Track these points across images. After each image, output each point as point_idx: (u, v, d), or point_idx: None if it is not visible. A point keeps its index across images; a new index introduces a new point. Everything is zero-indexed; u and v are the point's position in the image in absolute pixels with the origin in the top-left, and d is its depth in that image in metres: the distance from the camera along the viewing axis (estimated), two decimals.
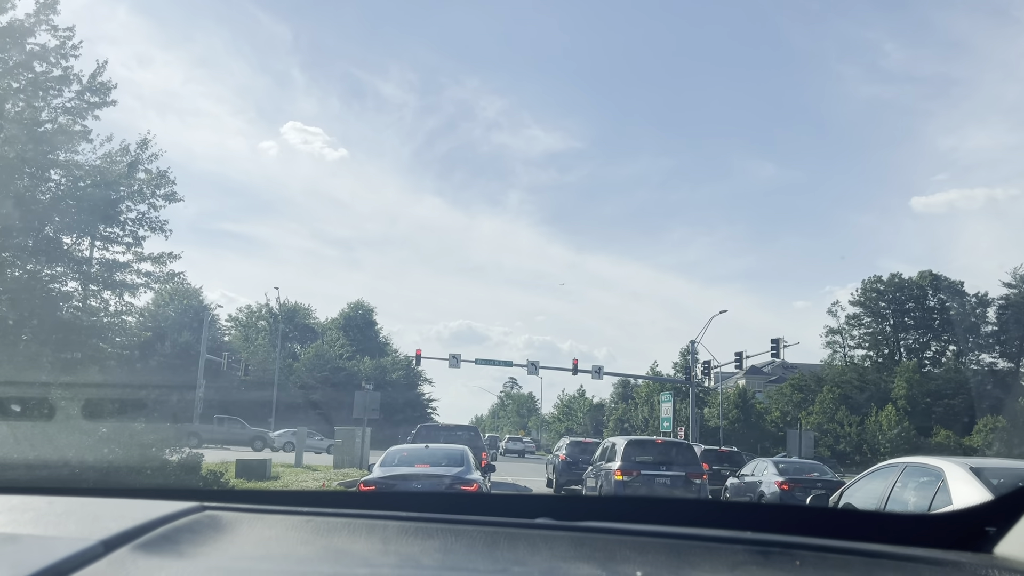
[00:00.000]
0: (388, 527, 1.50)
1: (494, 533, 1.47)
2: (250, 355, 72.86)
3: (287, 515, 1.55)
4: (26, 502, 1.59)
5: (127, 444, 12.27)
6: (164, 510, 1.42)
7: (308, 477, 23.41)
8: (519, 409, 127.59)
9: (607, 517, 1.56)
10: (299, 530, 1.48)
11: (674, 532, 1.44)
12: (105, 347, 29.16)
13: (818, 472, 21.00)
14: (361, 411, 30.02)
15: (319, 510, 1.59)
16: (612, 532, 1.46)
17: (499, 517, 1.56)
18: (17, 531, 1.36)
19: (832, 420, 66.71)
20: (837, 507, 6.43)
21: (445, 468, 13.39)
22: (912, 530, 1.46)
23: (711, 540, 1.41)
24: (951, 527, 1.42)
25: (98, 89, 26.95)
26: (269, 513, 1.57)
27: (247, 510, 1.56)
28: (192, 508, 1.47)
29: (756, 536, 1.39)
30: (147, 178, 29.24)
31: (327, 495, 1.95)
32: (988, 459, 8.39)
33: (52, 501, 1.59)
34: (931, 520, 1.45)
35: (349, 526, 1.51)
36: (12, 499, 1.61)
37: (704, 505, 2.51)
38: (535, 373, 55.03)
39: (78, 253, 28.11)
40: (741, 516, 1.61)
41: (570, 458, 27.12)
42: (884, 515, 1.67)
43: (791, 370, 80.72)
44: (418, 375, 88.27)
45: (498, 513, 1.65)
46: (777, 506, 2.16)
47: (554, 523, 1.49)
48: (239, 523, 1.48)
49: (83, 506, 1.55)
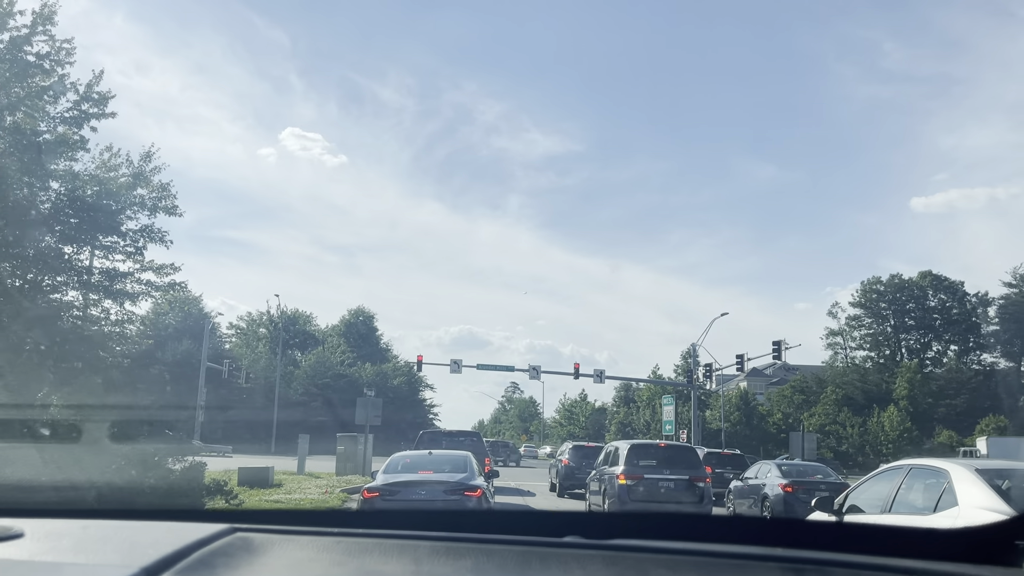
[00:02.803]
0: (420, 547, 1.51)
1: (525, 552, 1.48)
2: (251, 363, 72.83)
3: (317, 536, 1.56)
4: (60, 527, 1.61)
5: (129, 455, 12.24)
6: (197, 534, 1.44)
7: (311, 484, 23.41)
8: (521, 414, 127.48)
9: (636, 534, 1.56)
10: (331, 551, 1.49)
11: (705, 550, 1.43)
12: (106, 356, 29.14)
13: (822, 474, 20.97)
14: (363, 418, 30.00)
15: (349, 530, 1.60)
16: (643, 550, 1.46)
17: (527, 536, 1.56)
18: (59, 559, 1.38)
19: (834, 422, 66.66)
20: (871, 523, 6.36)
21: (449, 474, 13.38)
22: (944, 546, 1.45)
23: (742, 557, 1.40)
24: (983, 542, 1.41)
25: (96, 100, 26.97)
26: (300, 534, 1.58)
27: (277, 531, 1.58)
28: (223, 531, 1.49)
29: (788, 553, 1.38)
30: (148, 192, 29.29)
31: (354, 514, 1.97)
32: (993, 461, 8.37)
33: (86, 526, 1.61)
34: (963, 535, 1.44)
35: (381, 547, 1.52)
36: (45, 523, 1.62)
37: (734, 521, 2.52)
38: (537, 378, 55.10)
39: (78, 263, 28.13)
40: (772, 532, 1.60)
41: (573, 462, 27.13)
42: (916, 530, 1.66)
43: (792, 372, 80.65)
44: (419, 381, 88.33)
45: (525, 531, 1.65)
46: (807, 522, 2.15)
47: (584, 541, 1.48)
48: (271, 545, 1.50)
49: (117, 531, 1.57)
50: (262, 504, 16.90)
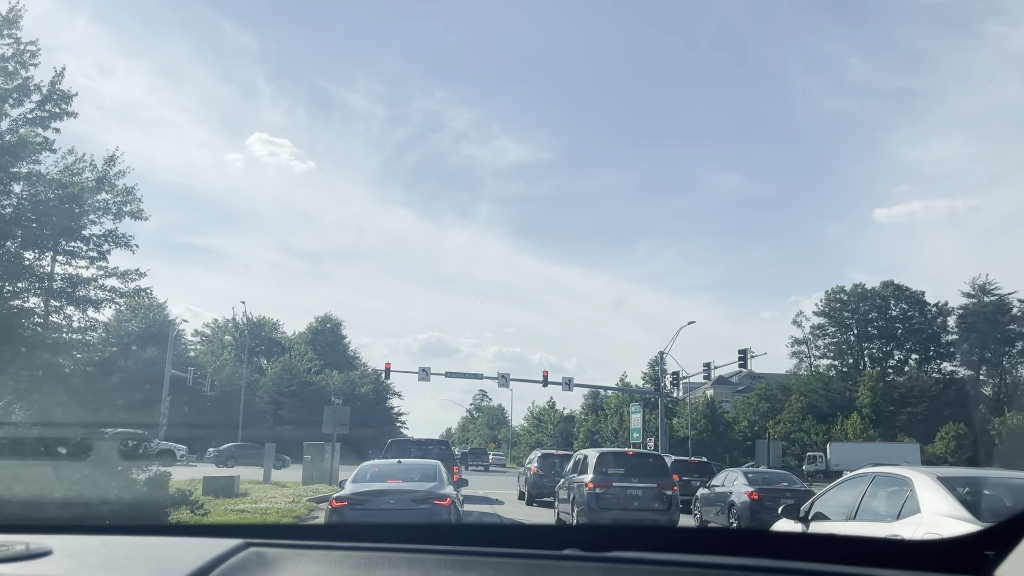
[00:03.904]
0: (427, 560, 1.54)
1: (528, 565, 1.51)
2: (216, 370, 71.91)
3: (328, 550, 1.60)
4: (83, 543, 1.64)
5: (92, 465, 12.03)
6: (216, 549, 1.49)
7: (277, 494, 23.15)
8: (489, 422, 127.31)
9: (633, 546, 1.59)
10: (342, 565, 1.53)
11: (702, 561, 1.47)
12: (67, 364, 28.59)
13: (787, 482, 21.22)
14: (331, 426, 29.76)
15: (359, 544, 1.63)
16: (641, 562, 1.50)
17: (527, 549, 1.59)
18: None
19: (799, 429, 67.46)
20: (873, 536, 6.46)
21: (418, 483, 13.35)
22: (915, 556, 1.50)
23: (739, 568, 1.45)
24: (953, 552, 1.46)
25: (59, 98, 26.47)
26: (311, 548, 1.62)
27: (289, 546, 1.61)
28: (239, 546, 1.53)
29: (778, 564, 1.42)
30: (113, 196, 28.79)
31: (362, 528, 1.99)
32: (954, 468, 8.55)
33: (107, 542, 1.65)
34: (933, 546, 1.49)
35: (390, 560, 1.55)
36: (68, 540, 1.64)
37: (733, 534, 2.59)
38: (505, 385, 55.02)
39: (40, 269, 27.55)
40: (763, 544, 1.63)
41: (542, 471, 27.20)
42: (888, 541, 1.70)
43: (758, 380, 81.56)
44: (387, 389, 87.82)
45: (525, 544, 1.68)
46: (793, 534, 2.18)
47: (583, 554, 1.52)
48: (284, 560, 1.54)
49: (140, 548, 1.62)
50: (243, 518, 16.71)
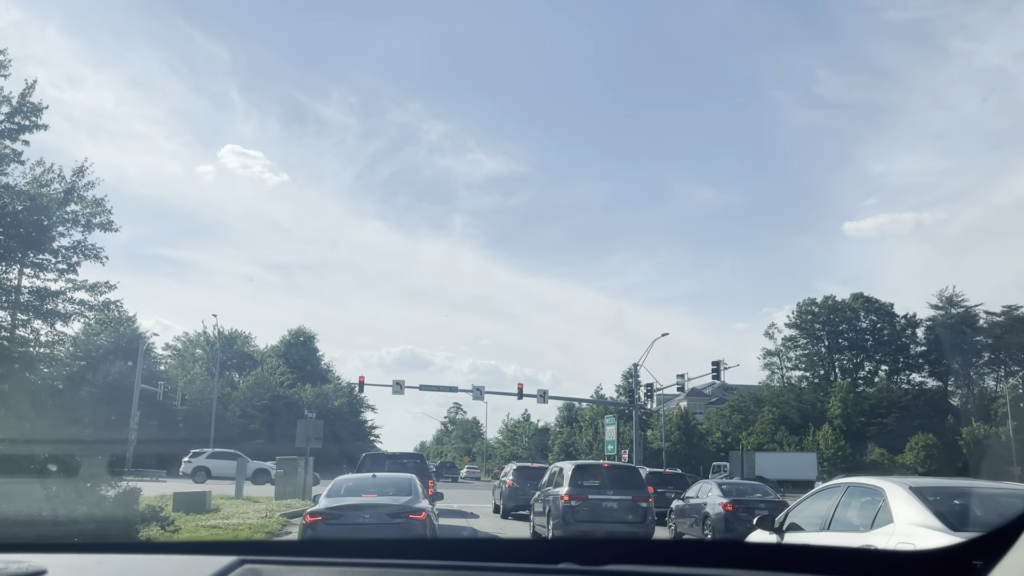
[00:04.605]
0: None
1: None
2: (187, 384, 70.94)
3: (323, 566, 1.60)
4: (77, 562, 1.62)
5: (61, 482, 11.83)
6: (210, 567, 1.49)
7: (250, 509, 22.86)
8: (464, 435, 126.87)
9: (629, 560, 1.59)
10: None
11: (699, 574, 1.47)
12: (34, 378, 28.11)
13: (760, 493, 21.36)
14: (304, 440, 29.45)
15: (353, 560, 1.62)
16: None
17: (525, 564, 1.59)
18: None
19: (772, 440, 67.95)
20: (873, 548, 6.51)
21: (393, 497, 13.28)
22: (903, 566, 1.52)
23: None
24: (940, 562, 1.48)
25: (29, 110, 26.15)
26: (304, 564, 1.62)
27: (284, 562, 1.61)
28: (234, 563, 1.53)
29: None
30: (82, 208, 28.45)
31: (355, 543, 1.96)
32: (926, 479, 8.65)
33: (101, 560, 1.63)
34: (921, 556, 1.51)
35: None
36: (62, 558, 1.62)
37: (729, 546, 2.60)
38: (480, 398, 54.87)
39: (7, 282, 27.10)
40: (757, 557, 1.64)
41: (517, 484, 27.10)
42: (877, 552, 1.72)
43: (731, 391, 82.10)
44: (361, 402, 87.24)
45: (520, 558, 1.68)
46: (786, 546, 2.21)
47: (578, 568, 1.52)
48: None
49: (135, 566, 1.61)
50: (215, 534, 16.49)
